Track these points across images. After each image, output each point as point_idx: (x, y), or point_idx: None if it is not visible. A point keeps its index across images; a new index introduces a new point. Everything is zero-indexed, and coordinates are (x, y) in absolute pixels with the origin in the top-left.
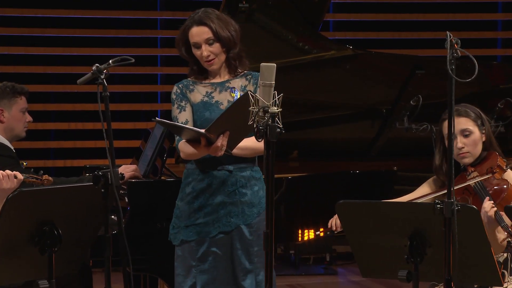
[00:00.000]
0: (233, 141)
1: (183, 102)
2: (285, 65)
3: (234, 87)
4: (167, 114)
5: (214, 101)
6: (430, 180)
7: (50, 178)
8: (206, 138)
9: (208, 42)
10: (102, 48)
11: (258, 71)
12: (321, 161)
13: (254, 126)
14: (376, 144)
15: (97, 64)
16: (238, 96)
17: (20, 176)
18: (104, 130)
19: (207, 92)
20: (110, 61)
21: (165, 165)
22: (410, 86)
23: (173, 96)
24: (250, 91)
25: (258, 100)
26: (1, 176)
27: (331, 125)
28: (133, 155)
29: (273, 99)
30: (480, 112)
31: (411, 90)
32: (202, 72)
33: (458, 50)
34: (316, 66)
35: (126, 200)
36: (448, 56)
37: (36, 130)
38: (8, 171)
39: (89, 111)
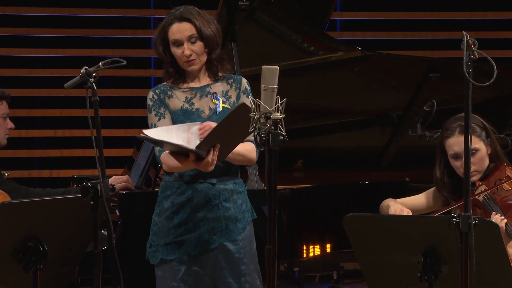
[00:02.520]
0: (224, 153)
1: (162, 108)
2: (288, 67)
3: (215, 92)
4: None
5: (195, 109)
6: (430, 193)
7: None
8: (196, 153)
9: (191, 40)
10: (91, 49)
11: (256, 75)
12: (327, 172)
13: (255, 133)
14: (387, 153)
15: (86, 67)
16: (221, 102)
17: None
18: (93, 138)
19: (186, 98)
20: (100, 63)
21: (159, 175)
22: (424, 91)
23: (149, 103)
24: (245, 103)
25: (259, 105)
26: None
27: (338, 132)
28: (124, 164)
29: (275, 105)
30: (484, 122)
31: (424, 95)
32: (179, 75)
33: (475, 52)
34: (322, 69)
35: (117, 213)
36: (464, 58)
37: (19, 137)
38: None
39: (77, 117)
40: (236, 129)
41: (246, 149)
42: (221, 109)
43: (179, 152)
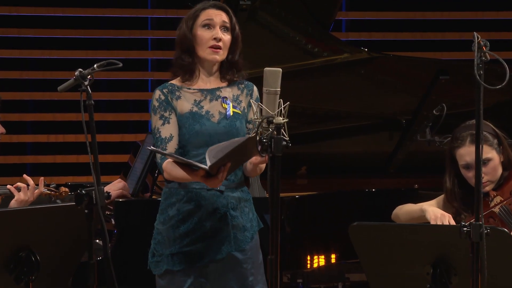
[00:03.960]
0: (231, 170)
1: (167, 112)
2: (291, 70)
3: (226, 97)
4: None
5: (204, 112)
6: (440, 201)
7: (67, 189)
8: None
9: (223, 27)
10: (85, 50)
11: (257, 78)
12: (332, 178)
13: (257, 138)
14: (395, 159)
15: (80, 69)
16: (231, 107)
17: (41, 187)
18: (87, 143)
19: (195, 100)
20: (95, 66)
21: (157, 182)
22: (433, 94)
23: (155, 103)
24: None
25: (261, 109)
26: (22, 186)
27: (344, 137)
28: (120, 171)
29: (278, 108)
30: (495, 130)
31: (434, 98)
32: (193, 69)
33: (487, 53)
34: (326, 71)
35: (113, 222)
36: (475, 59)
37: (10, 143)
38: (30, 181)
39: (71, 121)
40: (246, 152)
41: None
42: (231, 113)
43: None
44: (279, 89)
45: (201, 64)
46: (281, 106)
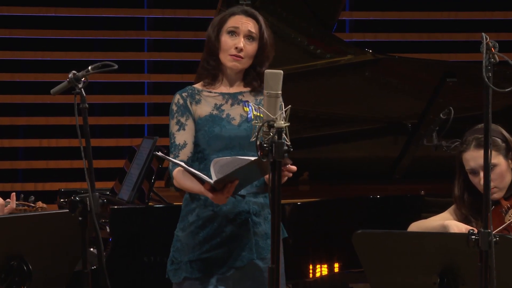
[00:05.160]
0: (240, 188)
1: (184, 117)
2: (293, 72)
3: (247, 101)
4: (156, 129)
5: (225, 115)
6: (451, 210)
7: (44, 205)
8: (211, 185)
9: (249, 37)
10: (80, 52)
11: None
12: (335, 185)
13: (258, 143)
14: (400, 164)
15: (74, 71)
16: (252, 110)
17: (12, 204)
18: (82, 148)
19: (216, 104)
20: (90, 68)
21: (153, 189)
22: (440, 97)
23: (174, 108)
24: None
25: (262, 112)
26: None
27: (347, 142)
28: (115, 177)
29: (279, 112)
30: (503, 133)
31: (441, 102)
32: (216, 74)
33: (495, 55)
34: (329, 73)
35: (108, 230)
36: (484, 61)
37: (1, 148)
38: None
39: (64, 125)
40: (256, 171)
41: None
42: (252, 116)
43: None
44: (280, 91)
45: (224, 69)
46: (282, 110)
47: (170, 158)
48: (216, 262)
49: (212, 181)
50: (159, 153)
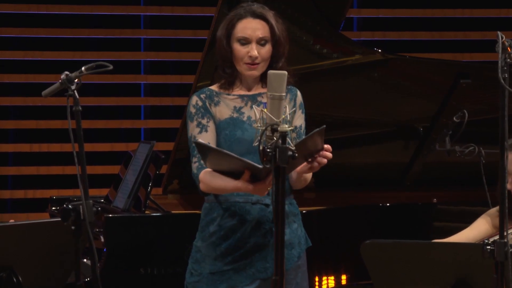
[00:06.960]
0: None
1: (205, 119)
2: (298, 73)
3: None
4: (153, 133)
5: (245, 117)
6: (492, 213)
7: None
8: (253, 172)
9: (261, 42)
10: (72, 51)
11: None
12: (342, 192)
13: (260, 147)
14: (411, 170)
15: (66, 72)
16: None
17: None
18: (74, 153)
19: (235, 107)
20: (83, 68)
21: (150, 196)
22: (453, 99)
23: (192, 110)
24: None
25: (265, 115)
26: None
27: (355, 147)
28: (110, 183)
29: (283, 115)
30: None
31: (454, 104)
32: (233, 80)
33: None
34: (336, 74)
35: (102, 240)
36: (499, 61)
37: None
38: None
39: (56, 129)
40: (306, 150)
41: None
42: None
43: (231, 171)
44: (285, 93)
45: (241, 74)
46: (286, 113)
47: (212, 146)
48: (239, 275)
49: (261, 166)
50: (200, 140)
